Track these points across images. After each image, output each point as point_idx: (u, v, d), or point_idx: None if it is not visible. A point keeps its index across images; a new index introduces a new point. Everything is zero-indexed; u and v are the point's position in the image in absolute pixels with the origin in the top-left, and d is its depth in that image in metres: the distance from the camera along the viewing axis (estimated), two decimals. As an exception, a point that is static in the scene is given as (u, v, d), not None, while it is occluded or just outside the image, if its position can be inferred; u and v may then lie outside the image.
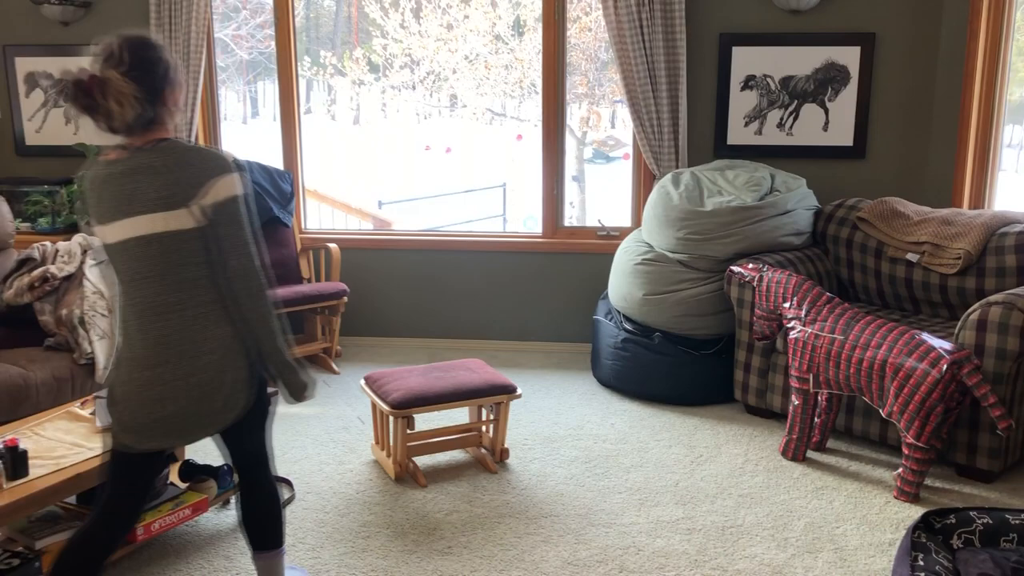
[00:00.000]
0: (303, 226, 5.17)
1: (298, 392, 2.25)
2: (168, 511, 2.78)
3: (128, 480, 2.22)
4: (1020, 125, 9.29)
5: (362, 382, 3.54)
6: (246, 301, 2.13)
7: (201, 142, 5.09)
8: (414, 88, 8.71)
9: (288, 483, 3.29)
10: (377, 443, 3.55)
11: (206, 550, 2.88)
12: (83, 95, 2.02)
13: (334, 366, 4.66)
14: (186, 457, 3.20)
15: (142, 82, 2.04)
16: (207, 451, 3.60)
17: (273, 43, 4.99)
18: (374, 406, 3.48)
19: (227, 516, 3.11)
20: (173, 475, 3.04)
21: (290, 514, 3.11)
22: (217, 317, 2.13)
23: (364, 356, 4.88)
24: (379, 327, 5.10)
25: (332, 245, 4.84)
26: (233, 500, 3.20)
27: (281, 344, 2.19)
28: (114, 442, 2.19)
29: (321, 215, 7.90)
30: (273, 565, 2.44)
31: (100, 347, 3.46)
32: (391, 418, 3.33)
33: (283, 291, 4.42)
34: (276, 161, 5.09)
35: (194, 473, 3.02)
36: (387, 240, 5.09)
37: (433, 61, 8.31)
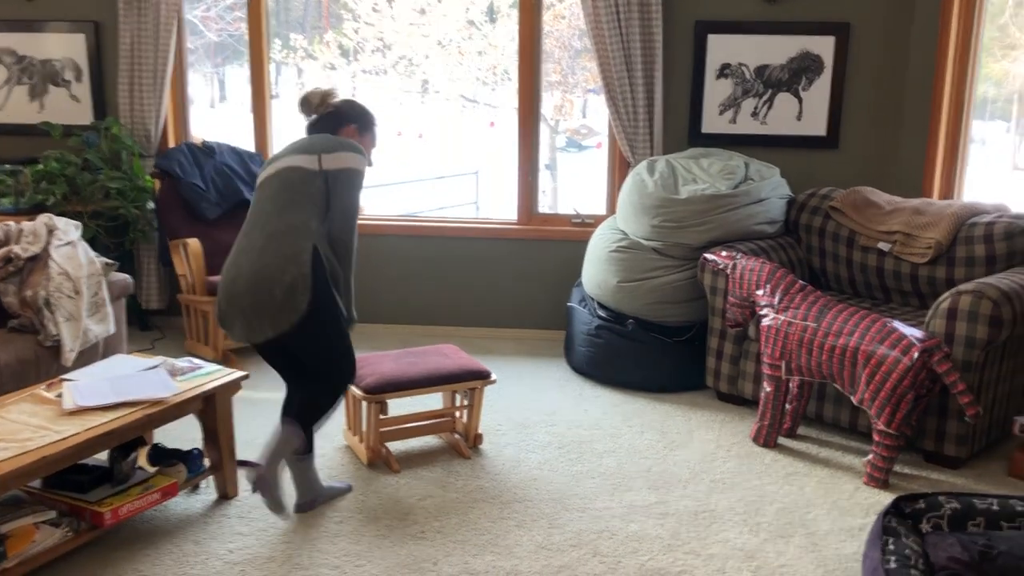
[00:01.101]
0: (274, 210, 5.10)
1: (349, 318, 2.91)
2: (137, 495, 2.74)
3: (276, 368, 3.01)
4: (983, 120, 9.42)
5: (335, 367, 3.50)
6: (337, 241, 2.81)
7: (170, 126, 5.00)
8: (386, 73, 8.62)
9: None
10: (349, 428, 3.52)
11: (175, 535, 2.84)
12: (314, 93, 2.99)
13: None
14: (155, 441, 3.15)
15: (335, 110, 2.99)
16: (177, 435, 3.55)
17: (243, 25, 4.91)
18: (347, 391, 3.44)
19: (196, 501, 3.07)
20: (142, 459, 2.99)
21: (260, 501, 3.05)
22: (298, 234, 2.71)
23: (335, 342, 4.83)
24: (351, 312, 5.06)
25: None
26: (203, 484, 3.16)
27: (351, 278, 2.88)
28: None
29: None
30: (280, 440, 2.79)
31: (66, 329, 3.39)
32: (364, 403, 3.30)
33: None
34: (245, 147, 5.02)
35: (164, 457, 2.98)
36: (359, 225, 5.02)
37: (405, 46, 8.23)
